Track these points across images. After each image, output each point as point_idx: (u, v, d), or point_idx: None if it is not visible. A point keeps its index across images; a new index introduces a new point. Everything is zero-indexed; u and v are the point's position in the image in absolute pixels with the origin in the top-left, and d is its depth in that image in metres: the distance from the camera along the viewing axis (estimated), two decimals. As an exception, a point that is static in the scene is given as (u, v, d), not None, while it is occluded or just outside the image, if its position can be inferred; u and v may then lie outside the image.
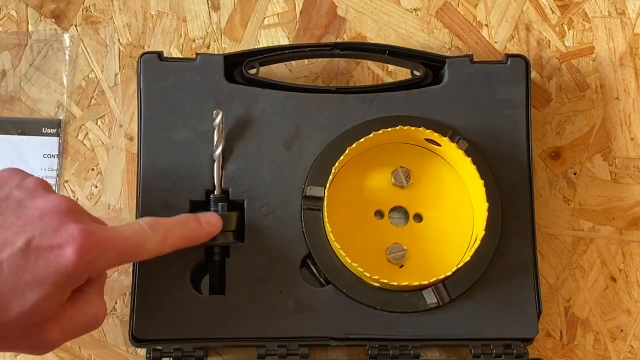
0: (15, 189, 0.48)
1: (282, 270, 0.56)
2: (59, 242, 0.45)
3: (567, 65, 0.65)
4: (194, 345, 0.54)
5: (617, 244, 0.62)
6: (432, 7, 0.66)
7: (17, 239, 0.45)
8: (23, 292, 0.44)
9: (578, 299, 0.61)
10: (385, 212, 0.58)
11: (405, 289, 0.55)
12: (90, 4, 0.65)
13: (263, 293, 0.55)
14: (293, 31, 0.66)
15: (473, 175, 0.56)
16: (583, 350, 0.60)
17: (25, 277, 0.44)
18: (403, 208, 0.59)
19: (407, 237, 0.58)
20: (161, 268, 0.55)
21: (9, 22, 0.65)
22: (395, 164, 0.59)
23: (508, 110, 0.59)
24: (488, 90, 0.59)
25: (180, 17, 0.65)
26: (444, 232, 0.58)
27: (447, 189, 0.59)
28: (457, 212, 0.58)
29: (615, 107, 0.64)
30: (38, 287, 0.45)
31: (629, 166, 0.63)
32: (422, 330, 0.56)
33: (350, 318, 0.55)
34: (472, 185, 0.57)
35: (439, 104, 0.59)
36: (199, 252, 0.56)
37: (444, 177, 0.59)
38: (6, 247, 0.44)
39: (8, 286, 0.44)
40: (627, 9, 0.66)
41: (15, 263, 0.44)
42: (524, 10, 0.66)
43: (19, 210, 0.46)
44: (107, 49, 0.65)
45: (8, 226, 0.45)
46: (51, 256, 0.45)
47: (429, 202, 0.58)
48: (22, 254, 0.44)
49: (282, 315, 0.55)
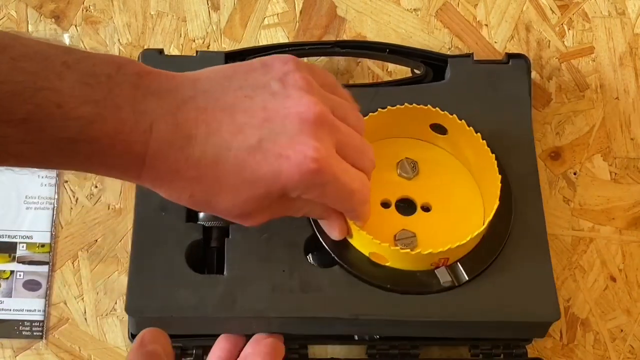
0: (276, 80, 0.45)
1: (285, 251, 0.54)
2: (288, 153, 0.43)
3: (567, 65, 0.65)
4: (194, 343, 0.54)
5: (617, 244, 0.62)
6: (432, 7, 0.66)
7: (253, 134, 0.43)
8: (237, 188, 0.44)
9: (578, 299, 0.61)
10: (392, 202, 0.57)
11: (417, 267, 0.53)
12: (90, 4, 0.66)
13: (265, 272, 0.54)
14: (293, 31, 0.66)
15: (483, 153, 0.54)
16: (583, 351, 0.60)
17: (244, 173, 0.43)
18: (410, 199, 0.57)
19: (415, 225, 0.56)
20: (158, 245, 0.54)
21: (9, 22, 0.65)
22: (400, 155, 0.58)
23: (512, 107, 0.59)
24: (491, 88, 0.59)
25: (180, 17, 0.65)
26: (453, 221, 0.56)
27: (454, 179, 0.58)
28: (465, 202, 0.57)
29: (615, 107, 0.64)
30: (252, 188, 0.44)
31: (629, 166, 0.63)
32: (435, 312, 0.53)
33: (358, 299, 0.53)
34: (482, 166, 0.56)
35: (441, 99, 0.58)
36: (195, 230, 0.55)
37: (450, 168, 0.58)
38: (240, 135, 0.43)
39: (229, 175, 0.43)
40: (627, 9, 0.66)
41: (241, 156, 0.43)
42: (524, 10, 0.66)
43: (269, 100, 0.44)
44: (107, 49, 0.65)
45: (251, 113, 0.44)
46: (275, 164, 0.43)
47: (437, 192, 0.57)
48: (250, 150, 0.43)
49: (286, 295, 0.53)
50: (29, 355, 0.60)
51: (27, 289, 0.61)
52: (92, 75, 0.41)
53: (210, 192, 0.45)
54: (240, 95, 0.44)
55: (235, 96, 0.44)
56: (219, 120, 0.43)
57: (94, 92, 0.41)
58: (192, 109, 0.43)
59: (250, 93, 0.44)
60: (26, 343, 0.60)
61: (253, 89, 0.45)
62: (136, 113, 0.42)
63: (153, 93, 0.43)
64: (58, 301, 0.61)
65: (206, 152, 0.43)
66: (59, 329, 0.61)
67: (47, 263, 0.61)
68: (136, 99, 0.42)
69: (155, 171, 0.44)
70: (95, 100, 0.41)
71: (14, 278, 0.61)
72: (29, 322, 0.60)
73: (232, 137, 0.43)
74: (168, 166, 0.43)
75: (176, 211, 0.54)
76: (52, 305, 0.61)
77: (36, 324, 0.60)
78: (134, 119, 0.42)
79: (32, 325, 0.60)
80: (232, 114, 0.44)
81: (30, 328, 0.60)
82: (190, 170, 0.43)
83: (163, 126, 0.43)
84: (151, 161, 0.43)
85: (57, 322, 0.61)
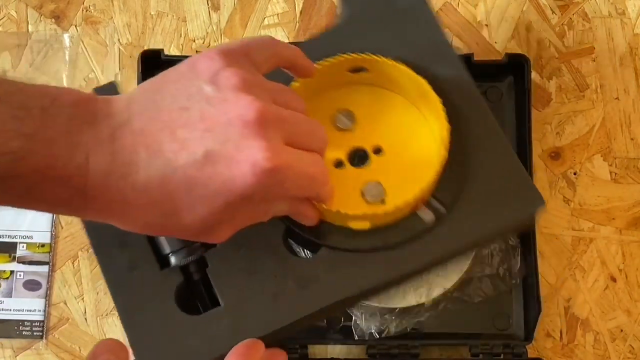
0: (207, 84, 0.42)
1: (269, 256, 0.52)
2: (238, 159, 0.41)
3: (567, 65, 0.65)
4: None
5: (617, 244, 0.62)
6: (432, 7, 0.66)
7: (197, 148, 0.41)
8: (193, 206, 0.42)
9: (578, 299, 0.61)
10: (343, 159, 0.54)
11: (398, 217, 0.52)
12: (90, 4, 0.66)
13: (259, 285, 0.52)
14: (293, 31, 0.66)
15: (413, 79, 0.52)
16: (583, 351, 0.60)
17: (197, 190, 0.41)
18: (359, 148, 0.54)
19: (375, 172, 0.54)
20: (144, 303, 0.51)
21: (9, 22, 0.65)
22: (332, 109, 0.55)
23: (414, 18, 0.55)
24: (389, 7, 0.56)
25: (180, 17, 0.65)
26: (409, 154, 0.54)
27: (394, 113, 0.55)
28: (414, 131, 0.55)
29: (615, 107, 0.64)
30: (208, 203, 0.42)
31: (629, 166, 0.63)
32: (433, 252, 0.51)
33: (356, 272, 0.51)
34: (417, 93, 0.54)
35: (351, 39, 0.54)
36: (174, 274, 0.52)
37: (386, 103, 0.55)
38: (183, 151, 0.41)
39: (180, 194, 0.42)
40: (627, 9, 0.66)
41: (189, 173, 0.41)
42: (524, 10, 0.66)
43: (206, 109, 0.42)
44: (107, 49, 0.65)
45: (191, 126, 0.41)
46: (227, 173, 0.41)
47: (383, 131, 0.55)
48: (198, 166, 0.41)
49: (287, 299, 0.51)
50: (29, 355, 0.60)
51: (27, 289, 0.61)
52: (24, 108, 0.40)
53: (166, 216, 0.43)
54: (175, 109, 0.42)
55: (170, 111, 0.42)
56: (158, 140, 0.41)
57: (24, 126, 0.39)
58: (128, 134, 0.41)
59: (185, 104, 0.42)
60: (26, 343, 0.60)
61: (187, 98, 0.42)
62: (70, 145, 0.40)
63: (88, 122, 0.41)
64: (58, 301, 0.61)
65: (151, 176, 0.41)
66: (59, 329, 0.61)
67: (47, 263, 0.61)
68: (71, 130, 0.40)
69: (101, 204, 0.42)
70: (26, 134, 0.39)
71: (14, 278, 0.61)
72: (29, 322, 0.60)
73: (176, 156, 0.41)
74: (113, 197, 0.42)
75: (146, 263, 0.51)
76: (52, 305, 0.61)
77: (36, 324, 0.60)
78: (68, 152, 0.40)
79: (32, 325, 0.60)
80: (171, 132, 0.42)
81: (30, 328, 0.60)
82: (139, 197, 0.42)
83: (100, 156, 0.41)
84: (93, 194, 0.41)
85: (57, 322, 0.61)
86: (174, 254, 0.51)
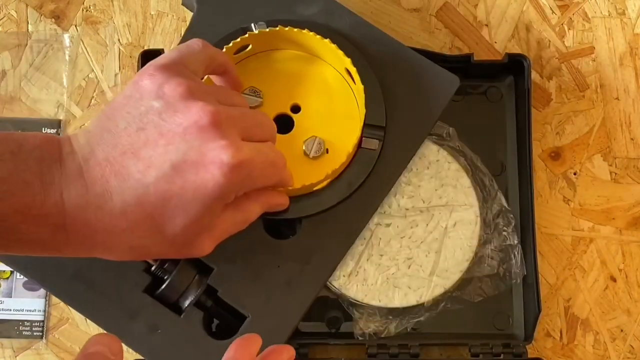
0: (154, 100, 0.44)
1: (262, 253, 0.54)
2: (204, 163, 0.43)
3: (567, 65, 0.65)
4: None
5: (617, 244, 0.62)
6: (432, 7, 0.66)
7: (163, 162, 0.43)
8: (173, 217, 0.44)
9: (578, 299, 0.61)
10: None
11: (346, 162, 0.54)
12: (90, 4, 0.66)
13: (270, 284, 0.53)
14: (293, 31, 0.66)
15: (315, 41, 0.54)
16: (583, 350, 0.60)
17: (172, 202, 0.43)
18: (280, 114, 0.56)
19: (305, 130, 0.56)
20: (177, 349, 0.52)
21: (9, 22, 0.65)
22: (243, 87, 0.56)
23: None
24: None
25: (180, 17, 0.65)
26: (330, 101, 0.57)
27: (294, 69, 0.57)
28: (322, 77, 0.57)
29: (615, 107, 0.64)
30: (186, 211, 0.44)
31: (629, 166, 0.63)
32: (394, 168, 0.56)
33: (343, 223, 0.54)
34: (320, 51, 0.56)
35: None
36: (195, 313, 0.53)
37: (280, 67, 0.57)
38: (151, 169, 0.43)
39: (157, 210, 0.43)
40: (627, 9, 0.66)
41: (161, 188, 0.43)
42: (524, 10, 0.66)
43: (161, 124, 0.44)
44: (107, 49, 0.65)
45: (152, 143, 0.43)
46: (198, 179, 0.43)
47: (292, 92, 0.57)
48: (168, 179, 0.43)
49: (298, 280, 0.53)
50: (29, 355, 0.60)
51: (27, 289, 0.61)
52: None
53: (148, 235, 0.44)
54: (132, 132, 0.44)
55: (129, 134, 0.44)
56: (124, 165, 0.43)
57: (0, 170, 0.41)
58: (95, 166, 0.43)
59: (139, 124, 0.44)
60: (26, 343, 0.60)
61: (140, 119, 0.44)
62: (45, 184, 0.42)
63: (56, 161, 0.43)
64: (58, 301, 0.61)
65: (126, 200, 0.43)
66: (59, 329, 0.61)
67: (47, 263, 0.61)
68: (42, 171, 0.42)
69: (83, 237, 0.43)
70: (2, 177, 0.41)
71: (14, 278, 0.61)
72: (29, 322, 0.60)
73: (144, 175, 0.43)
74: (94, 228, 0.43)
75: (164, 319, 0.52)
76: (52, 305, 0.61)
77: (36, 324, 0.60)
78: (44, 190, 0.42)
79: (32, 325, 0.60)
80: (134, 153, 0.43)
81: (30, 328, 0.60)
82: (119, 223, 0.43)
83: (73, 191, 0.43)
84: (74, 228, 0.43)
85: (57, 322, 0.61)
86: (181, 297, 0.52)
